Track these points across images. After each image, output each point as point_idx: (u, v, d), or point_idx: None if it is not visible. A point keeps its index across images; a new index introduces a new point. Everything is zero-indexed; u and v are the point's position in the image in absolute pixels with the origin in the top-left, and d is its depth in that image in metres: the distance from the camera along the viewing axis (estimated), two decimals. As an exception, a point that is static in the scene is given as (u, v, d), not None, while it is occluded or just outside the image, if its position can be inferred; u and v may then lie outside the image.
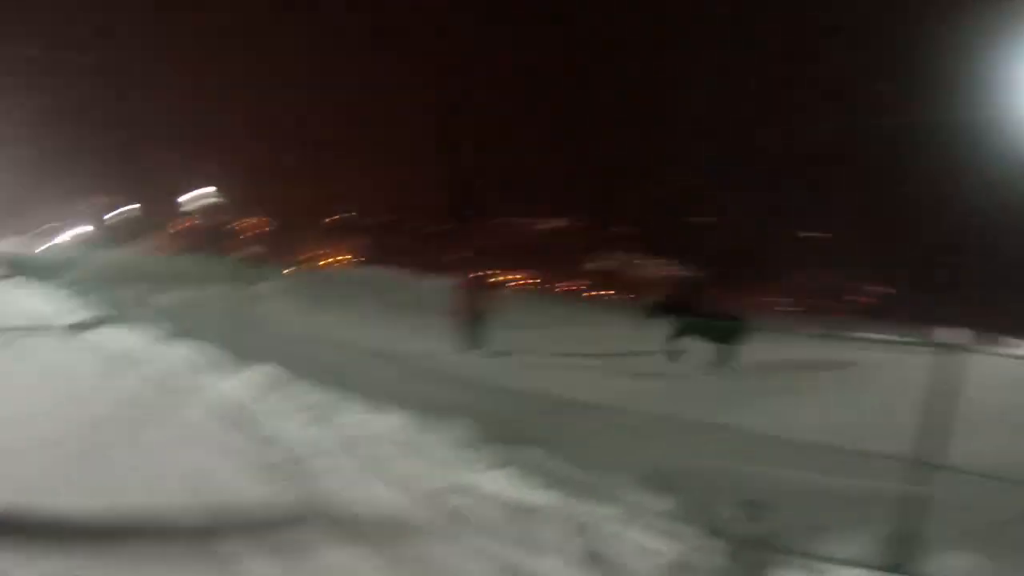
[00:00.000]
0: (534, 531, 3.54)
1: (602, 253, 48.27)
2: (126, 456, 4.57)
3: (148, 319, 9.75)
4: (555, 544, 3.41)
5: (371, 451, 4.67)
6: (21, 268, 17.36)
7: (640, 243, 48.12)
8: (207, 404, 5.85)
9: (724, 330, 10.42)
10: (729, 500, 3.77)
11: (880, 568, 3.27)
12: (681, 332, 10.27)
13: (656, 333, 10.34)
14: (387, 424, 5.05)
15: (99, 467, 4.35)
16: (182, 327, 8.92)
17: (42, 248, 27.01)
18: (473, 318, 10.74)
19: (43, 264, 18.36)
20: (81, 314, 10.24)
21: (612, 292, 42.98)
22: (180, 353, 7.49)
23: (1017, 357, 9.47)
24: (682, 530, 3.43)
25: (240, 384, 6.25)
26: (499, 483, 4.11)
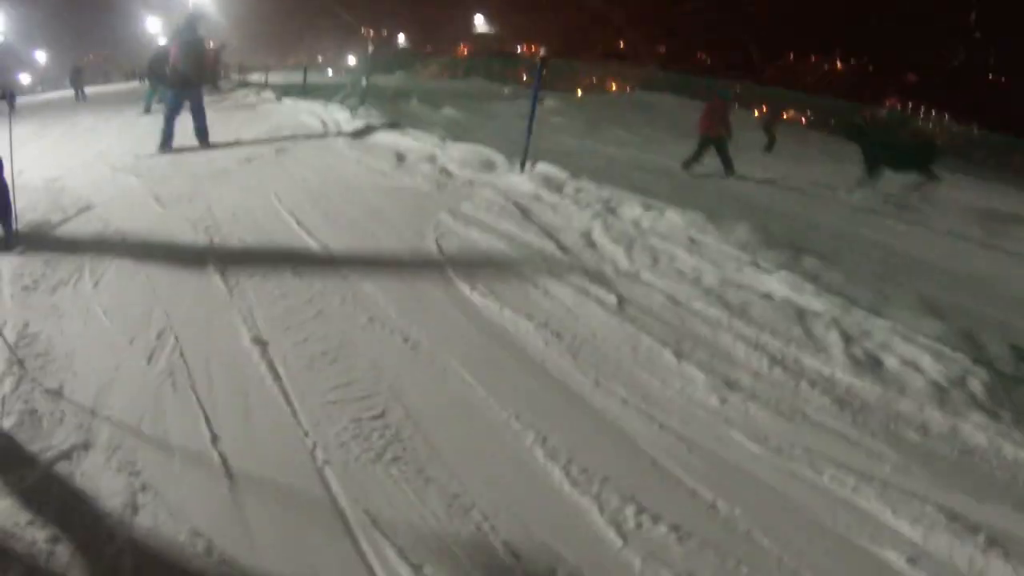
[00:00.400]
0: (807, 330, 3.68)
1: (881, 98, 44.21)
2: (407, 239, 5.08)
3: (434, 126, 10.23)
4: (826, 345, 3.52)
5: (655, 243, 4.89)
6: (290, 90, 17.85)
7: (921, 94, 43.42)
8: (491, 198, 6.07)
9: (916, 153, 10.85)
10: (994, 337, 3.71)
11: None
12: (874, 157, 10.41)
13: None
14: (670, 222, 5.22)
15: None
16: (464, 134, 9.47)
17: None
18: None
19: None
20: (363, 123, 10.44)
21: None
22: (459, 154, 7.61)
23: None
24: (949, 353, 3.39)
25: (525, 181, 6.46)
26: (776, 284, 4.22)
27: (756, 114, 20.99)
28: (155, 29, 49.69)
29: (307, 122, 11.42)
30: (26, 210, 5.77)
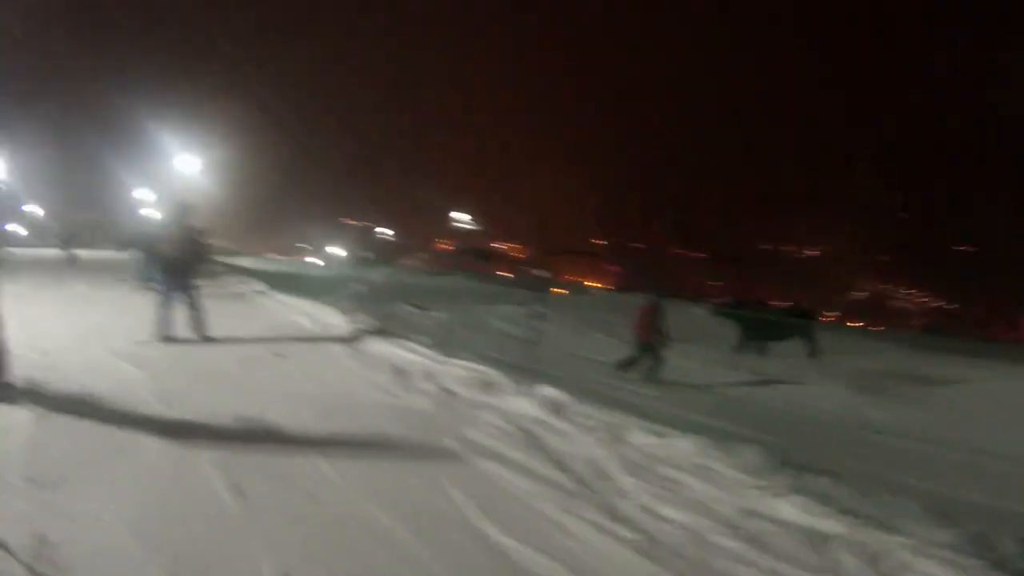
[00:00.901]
0: (831, 559, 3.74)
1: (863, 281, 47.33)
2: (419, 467, 5.04)
3: (424, 334, 10.39)
4: (852, 573, 3.61)
5: (665, 472, 4.94)
6: (276, 282, 18.67)
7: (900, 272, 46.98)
8: (495, 423, 6.14)
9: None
10: (1009, 534, 3.87)
11: None
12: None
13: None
14: (678, 449, 5.28)
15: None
16: (456, 343, 9.59)
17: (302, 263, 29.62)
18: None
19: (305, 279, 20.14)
20: (356, 327, 10.67)
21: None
22: (461, 372, 7.68)
23: None
24: (968, 562, 3.50)
25: (527, 404, 6.53)
26: (789, 508, 4.28)
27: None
28: (143, 197, 51.64)
29: (301, 323, 11.70)
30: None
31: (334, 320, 11.54)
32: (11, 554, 3.21)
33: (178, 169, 37.36)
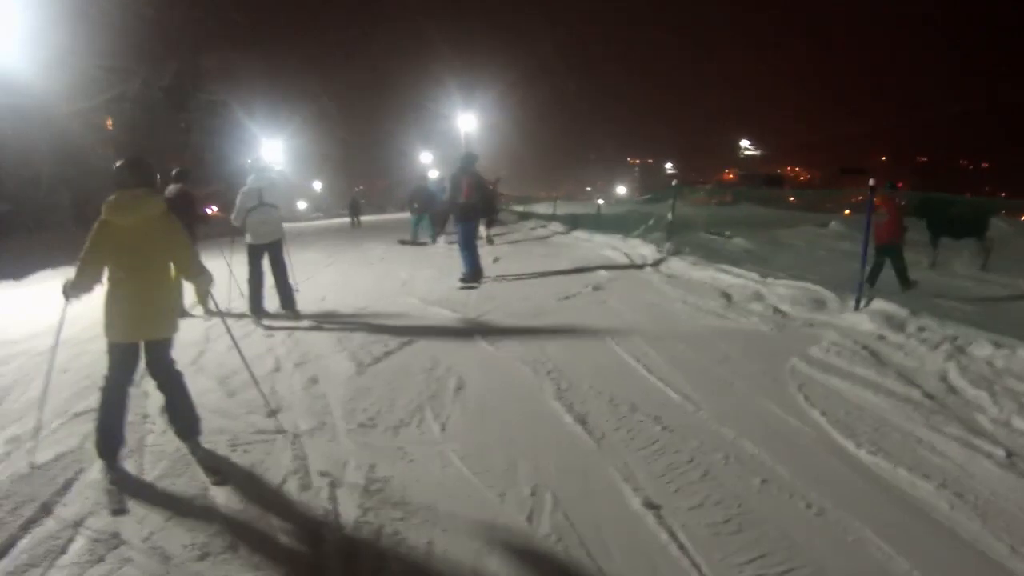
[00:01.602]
0: None
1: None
2: (771, 389, 5.12)
3: (733, 259, 10.58)
4: None
5: (1014, 385, 4.88)
6: (573, 222, 19.06)
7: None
8: (836, 340, 6.17)
9: None
10: None
11: None
12: None
13: None
14: (1021, 359, 5.18)
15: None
16: (772, 265, 9.72)
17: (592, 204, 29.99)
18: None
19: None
20: (668, 256, 11.00)
21: None
22: (787, 292, 7.85)
23: None
24: None
25: (865, 320, 6.58)
26: None
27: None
28: (427, 161, 55.56)
29: (612, 257, 12.13)
30: (343, 341, 6.70)
31: (643, 251, 11.88)
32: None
33: (461, 128, 40.00)
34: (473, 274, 10.04)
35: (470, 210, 10.16)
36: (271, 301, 8.18)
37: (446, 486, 3.72)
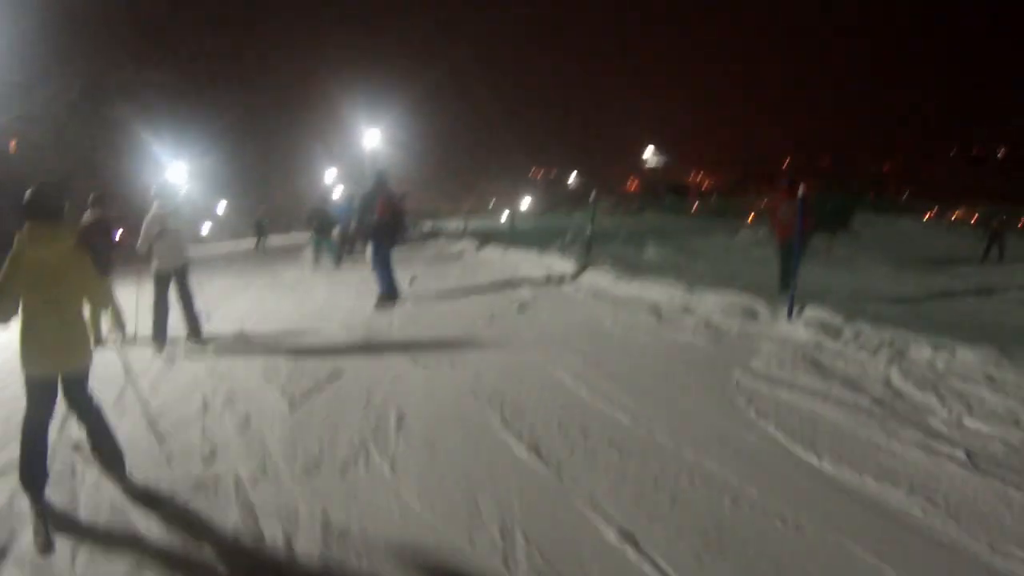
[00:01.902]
0: None
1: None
2: (719, 403, 5.09)
3: (651, 271, 10.61)
4: None
5: (957, 385, 4.97)
6: (484, 238, 18.83)
7: None
8: (774, 351, 6.18)
9: None
10: None
11: None
12: None
13: None
14: (963, 360, 5.28)
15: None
16: (690, 276, 9.66)
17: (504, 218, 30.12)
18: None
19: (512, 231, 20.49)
20: (586, 270, 10.96)
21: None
22: (717, 303, 7.81)
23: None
24: None
25: (800, 329, 6.62)
26: None
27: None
28: (330, 178, 54.73)
29: (531, 273, 11.91)
30: (268, 374, 6.41)
31: (562, 266, 11.75)
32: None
33: (366, 144, 39.46)
34: (390, 294, 9.93)
35: (384, 229, 9.95)
36: (178, 328, 7.95)
37: (409, 531, 3.53)
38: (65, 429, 4.82)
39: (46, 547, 3.54)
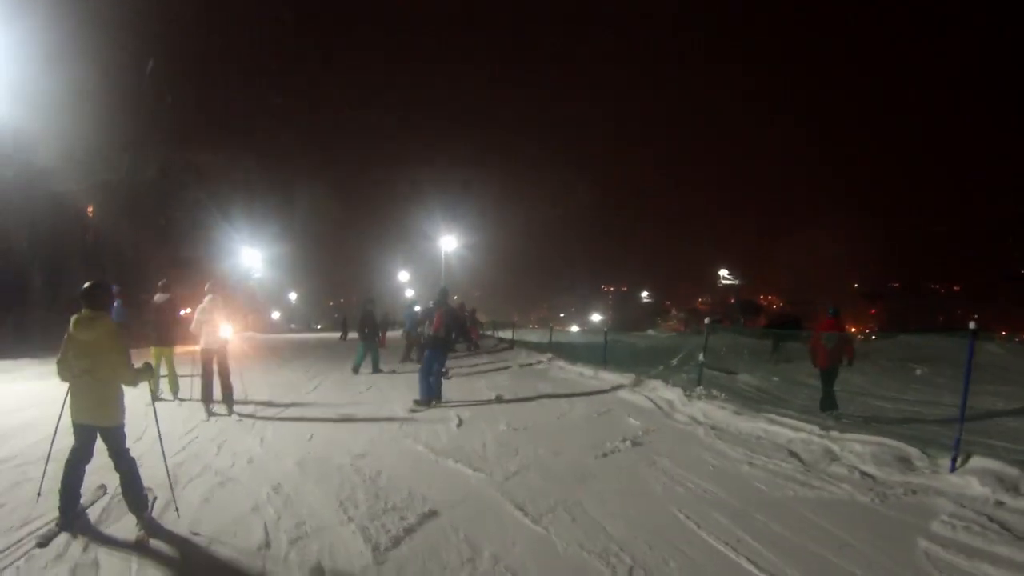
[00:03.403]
0: None
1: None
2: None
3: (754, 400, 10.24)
4: None
5: None
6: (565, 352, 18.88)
7: None
8: (955, 511, 5.61)
9: None
10: None
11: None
12: None
13: None
14: None
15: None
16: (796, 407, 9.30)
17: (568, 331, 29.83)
18: None
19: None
20: (694, 401, 10.53)
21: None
22: (864, 449, 7.26)
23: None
24: None
25: (973, 483, 6.03)
26: None
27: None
28: (404, 279, 55.56)
29: (634, 401, 11.35)
30: (345, 504, 5.85)
31: (666, 394, 11.20)
32: None
33: (442, 248, 40.50)
34: (427, 399, 11.03)
35: (440, 342, 11.37)
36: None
37: None
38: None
39: (42, 543, 4.84)
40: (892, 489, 6.27)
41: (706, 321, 13.86)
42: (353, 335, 25.01)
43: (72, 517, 5.13)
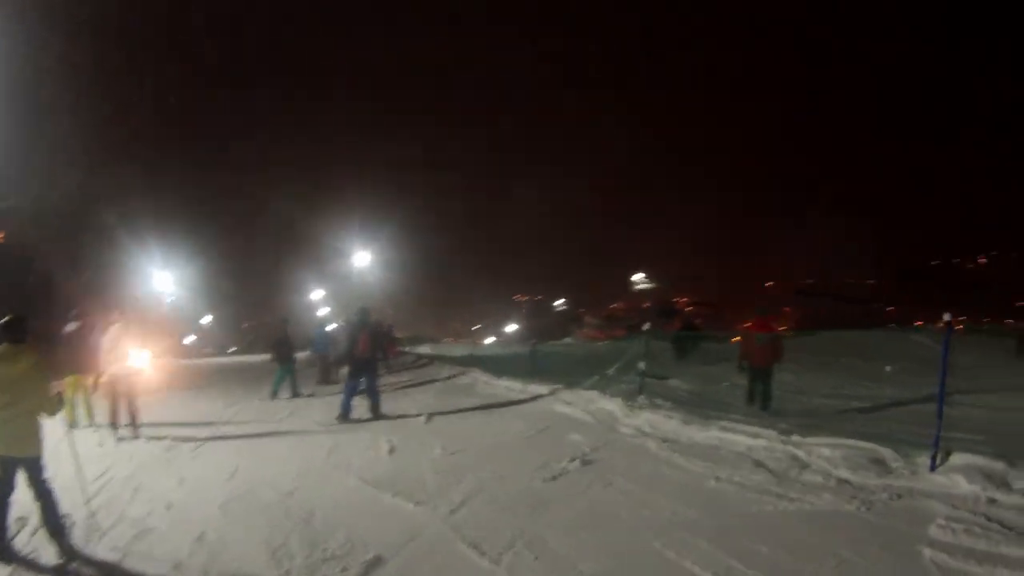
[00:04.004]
0: None
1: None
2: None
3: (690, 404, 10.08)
4: None
5: None
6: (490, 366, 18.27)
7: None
8: (947, 513, 5.35)
9: None
10: None
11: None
12: None
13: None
14: None
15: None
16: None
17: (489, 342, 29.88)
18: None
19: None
20: (640, 412, 10.05)
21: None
22: (833, 453, 6.92)
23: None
24: None
25: (959, 481, 5.80)
26: None
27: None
28: (317, 297, 54.66)
29: (572, 415, 10.75)
30: (277, 554, 5.23)
31: (605, 405, 10.69)
32: None
33: (355, 264, 39.70)
34: (345, 414, 10.98)
35: (364, 364, 11.24)
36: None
37: None
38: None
39: None
40: (875, 495, 5.92)
41: (644, 327, 13.45)
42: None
43: (1, 549, 5.19)
